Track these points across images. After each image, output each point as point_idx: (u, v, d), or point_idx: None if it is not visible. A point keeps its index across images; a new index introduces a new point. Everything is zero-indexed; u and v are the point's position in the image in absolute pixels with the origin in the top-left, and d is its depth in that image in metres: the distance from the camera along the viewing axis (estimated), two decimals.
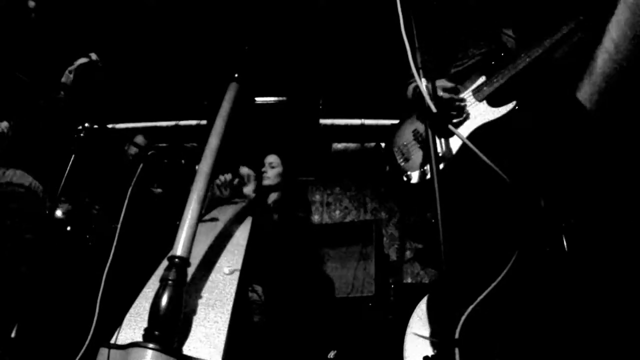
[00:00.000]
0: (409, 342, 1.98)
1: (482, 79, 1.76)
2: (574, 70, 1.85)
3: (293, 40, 3.91)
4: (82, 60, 2.71)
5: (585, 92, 2.07)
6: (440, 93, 1.72)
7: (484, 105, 1.71)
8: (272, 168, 2.70)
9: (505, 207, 1.72)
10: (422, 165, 1.80)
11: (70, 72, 2.65)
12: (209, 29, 3.83)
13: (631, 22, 1.91)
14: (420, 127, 1.88)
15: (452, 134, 1.64)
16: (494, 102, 1.69)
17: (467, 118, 1.74)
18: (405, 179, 1.82)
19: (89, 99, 2.69)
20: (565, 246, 1.56)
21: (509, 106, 1.64)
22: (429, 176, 1.70)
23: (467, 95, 1.79)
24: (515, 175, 1.41)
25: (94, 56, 2.73)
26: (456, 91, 1.77)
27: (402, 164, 1.89)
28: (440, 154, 1.63)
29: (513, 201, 1.66)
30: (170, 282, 1.35)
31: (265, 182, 2.67)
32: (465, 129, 1.72)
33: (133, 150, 3.04)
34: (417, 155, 1.84)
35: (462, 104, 1.76)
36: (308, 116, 4.76)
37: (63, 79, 2.64)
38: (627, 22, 1.93)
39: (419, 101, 1.28)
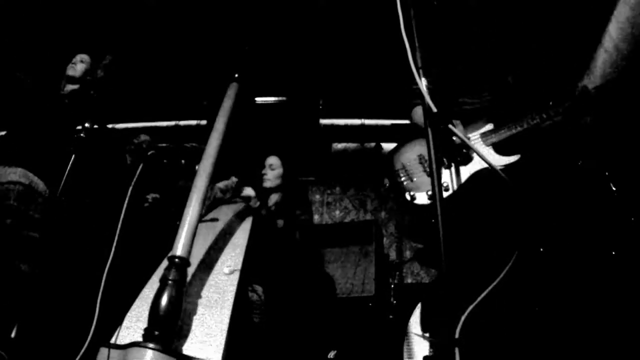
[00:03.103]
0: (409, 342, 1.98)
1: (490, 126, 1.88)
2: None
3: (293, 40, 3.91)
4: (84, 55, 2.71)
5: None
6: (454, 138, 1.85)
7: (490, 150, 1.85)
8: (272, 170, 2.70)
9: (505, 209, 1.74)
10: (429, 190, 1.93)
11: (75, 63, 2.65)
12: (209, 29, 3.83)
13: (631, 21, 1.92)
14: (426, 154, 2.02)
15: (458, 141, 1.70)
16: (499, 149, 1.84)
17: (471, 159, 1.87)
18: (409, 197, 1.93)
19: (90, 99, 2.69)
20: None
21: (513, 158, 1.78)
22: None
23: (475, 137, 1.90)
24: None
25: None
26: (467, 139, 1.89)
27: (406, 183, 1.98)
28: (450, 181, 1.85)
29: (513, 203, 1.68)
30: (170, 282, 1.35)
31: (266, 184, 2.67)
32: (471, 169, 1.85)
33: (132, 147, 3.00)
34: (421, 178, 1.97)
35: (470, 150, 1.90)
36: (308, 116, 4.76)
37: (69, 72, 2.63)
38: (627, 21, 1.93)
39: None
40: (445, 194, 1.85)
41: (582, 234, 1.85)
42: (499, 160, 1.79)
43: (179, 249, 1.40)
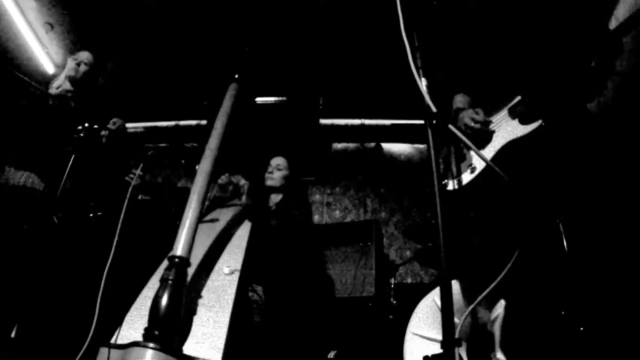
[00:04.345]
0: (409, 342, 1.98)
1: (518, 98, 1.81)
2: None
3: (293, 40, 3.91)
4: (88, 55, 2.68)
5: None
6: (471, 124, 1.82)
7: (515, 122, 1.77)
8: (279, 170, 2.70)
9: (506, 208, 1.73)
10: (456, 175, 1.90)
11: (78, 64, 2.62)
12: (209, 29, 3.83)
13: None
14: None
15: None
16: (525, 119, 1.75)
17: (495, 136, 1.81)
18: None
19: (89, 99, 2.68)
20: (565, 245, 1.57)
21: (536, 124, 1.70)
22: (463, 182, 1.80)
23: (502, 113, 1.84)
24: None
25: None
26: (487, 123, 1.85)
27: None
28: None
29: (513, 201, 1.67)
30: (170, 282, 1.35)
31: (269, 183, 2.67)
32: (497, 144, 1.79)
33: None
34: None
35: (490, 130, 1.84)
36: (308, 116, 4.76)
37: (71, 73, 2.61)
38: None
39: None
40: (470, 176, 1.83)
41: (582, 234, 1.83)
42: (522, 130, 1.72)
43: (179, 249, 1.40)
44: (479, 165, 1.82)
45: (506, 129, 1.79)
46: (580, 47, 1.65)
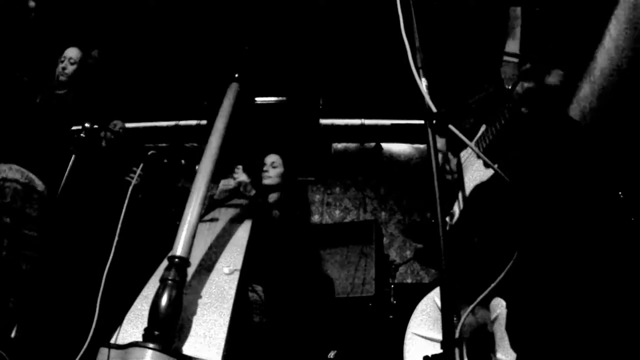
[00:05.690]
0: (409, 342, 1.98)
1: (483, 127, 1.69)
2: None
3: (293, 40, 3.92)
4: (74, 51, 2.68)
5: (585, 93, 2.07)
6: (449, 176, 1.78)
7: (480, 163, 1.64)
8: (274, 168, 2.70)
9: (506, 208, 1.73)
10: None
11: (64, 67, 2.62)
12: (209, 29, 3.83)
13: (632, 21, 1.92)
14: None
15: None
16: (489, 158, 1.55)
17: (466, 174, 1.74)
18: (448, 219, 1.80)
19: (89, 99, 2.69)
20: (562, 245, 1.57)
21: (494, 168, 1.51)
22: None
23: (469, 150, 1.74)
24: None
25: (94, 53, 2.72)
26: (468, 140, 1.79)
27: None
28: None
29: (513, 202, 1.67)
30: (170, 282, 1.35)
31: (266, 182, 2.67)
32: (467, 188, 1.71)
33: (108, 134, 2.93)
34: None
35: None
36: (308, 116, 4.77)
37: (60, 76, 2.60)
38: (628, 21, 1.93)
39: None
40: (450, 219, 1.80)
41: (580, 235, 1.82)
42: (485, 174, 1.58)
43: (179, 249, 1.40)
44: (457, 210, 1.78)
45: (472, 172, 1.69)
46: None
